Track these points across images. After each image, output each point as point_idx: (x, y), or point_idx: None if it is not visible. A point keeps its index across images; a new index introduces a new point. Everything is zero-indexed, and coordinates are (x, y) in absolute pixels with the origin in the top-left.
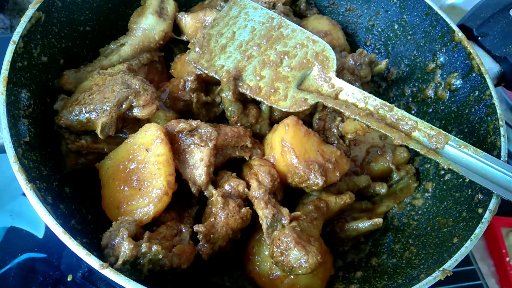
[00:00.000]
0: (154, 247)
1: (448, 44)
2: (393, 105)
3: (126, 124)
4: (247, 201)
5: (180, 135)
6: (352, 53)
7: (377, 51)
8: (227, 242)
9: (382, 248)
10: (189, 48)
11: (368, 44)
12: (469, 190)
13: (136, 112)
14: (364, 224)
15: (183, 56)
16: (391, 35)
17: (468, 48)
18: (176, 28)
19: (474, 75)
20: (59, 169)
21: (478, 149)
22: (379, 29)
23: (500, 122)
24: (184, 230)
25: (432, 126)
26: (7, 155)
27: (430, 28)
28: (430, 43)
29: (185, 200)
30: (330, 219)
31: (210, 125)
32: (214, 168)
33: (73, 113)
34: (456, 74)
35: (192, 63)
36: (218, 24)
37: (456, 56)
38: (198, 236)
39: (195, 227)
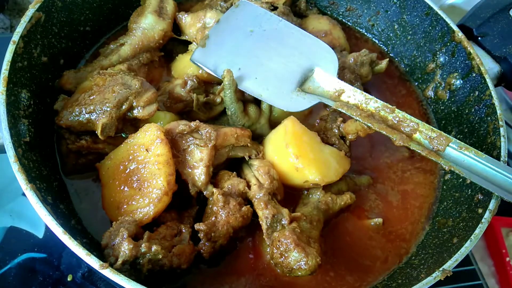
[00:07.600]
0: (154, 247)
1: (448, 44)
2: (394, 106)
3: (126, 124)
4: (247, 200)
5: (180, 136)
6: (353, 52)
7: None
8: (228, 240)
9: None
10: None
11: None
12: (469, 190)
13: (136, 112)
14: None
15: (183, 56)
16: (391, 35)
17: (468, 48)
18: (176, 28)
19: (474, 75)
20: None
21: (479, 151)
22: (379, 29)
23: (500, 122)
24: (184, 230)
25: (433, 128)
26: (7, 155)
27: (430, 28)
28: (430, 43)
29: (185, 200)
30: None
31: (209, 126)
32: (214, 168)
33: (73, 113)
34: (456, 74)
35: (196, 63)
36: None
37: (456, 56)
38: (199, 235)
39: (196, 226)
